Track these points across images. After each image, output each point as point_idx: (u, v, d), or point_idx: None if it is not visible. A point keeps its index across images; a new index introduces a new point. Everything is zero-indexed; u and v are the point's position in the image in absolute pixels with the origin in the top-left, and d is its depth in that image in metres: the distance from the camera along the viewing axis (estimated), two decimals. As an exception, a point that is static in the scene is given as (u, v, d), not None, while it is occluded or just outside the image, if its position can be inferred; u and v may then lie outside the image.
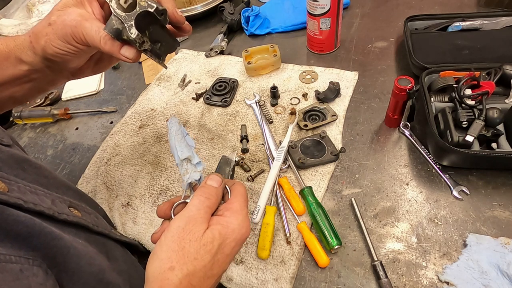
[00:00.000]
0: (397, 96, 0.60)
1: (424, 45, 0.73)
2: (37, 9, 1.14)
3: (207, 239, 0.34)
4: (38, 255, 0.32)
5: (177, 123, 0.46)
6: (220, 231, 0.35)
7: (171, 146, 0.44)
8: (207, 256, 0.34)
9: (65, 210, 0.40)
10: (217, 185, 0.39)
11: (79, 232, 0.40)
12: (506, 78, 0.60)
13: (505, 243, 0.48)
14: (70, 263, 0.35)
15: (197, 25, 1.04)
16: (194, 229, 0.34)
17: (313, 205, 0.55)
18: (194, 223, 0.35)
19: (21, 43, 0.45)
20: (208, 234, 0.34)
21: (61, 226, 0.38)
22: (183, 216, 0.35)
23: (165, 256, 0.33)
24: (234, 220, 0.36)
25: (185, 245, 0.33)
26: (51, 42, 0.42)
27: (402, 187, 0.58)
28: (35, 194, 0.37)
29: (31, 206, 0.35)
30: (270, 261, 0.53)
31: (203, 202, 0.37)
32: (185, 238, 0.34)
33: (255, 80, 0.82)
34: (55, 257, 0.34)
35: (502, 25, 0.75)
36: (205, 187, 0.38)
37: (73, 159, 0.76)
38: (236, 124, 0.73)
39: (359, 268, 0.51)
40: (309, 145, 0.65)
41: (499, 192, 0.55)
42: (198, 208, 0.36)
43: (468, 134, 0.53)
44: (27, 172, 0.41)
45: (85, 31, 0.41)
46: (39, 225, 0.34)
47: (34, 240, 0.33)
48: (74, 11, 0.42)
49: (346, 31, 0.89)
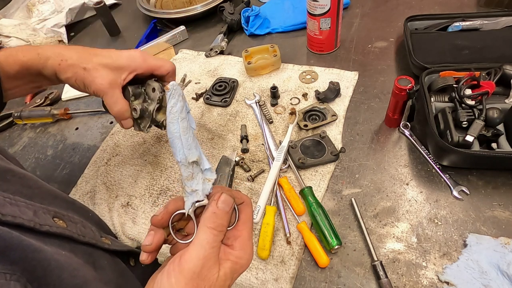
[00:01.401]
0: (397, 96, 0.60)
1: (424, 45, 0.73)
2: (37, 9, 1.14)
3: (221, 282, 0.32)
4: (16, 269, 0.31)
5: (181, 96, 0.37)
6: (231, 269, 0.33)
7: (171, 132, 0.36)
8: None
9: (49, 221, 0.39)
10: (229, 209, 0.35)
11: (63, 243, 0.39)
12: (506, 78, 0.60)
13: (505, 243, 0.48)
14: (51, 276, 0.34)
15: (197, 25, 1.04)
16: (210, 273, 0.32)
17: (313, 205, 0.55)
18: (209, 266, 0.32)
19: (46, 59, 0.50)
20: (222, 277, 0.32)
21: (43, 238, 0.37)
22: (196, 258, 0.32)
23: None
24: (244, 254, 0.34)
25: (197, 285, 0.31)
26: (76, 80, 0.50)
27: (402, 187, 0.58)
28: (16, 206, 0.36)
29: (10, 218, 0.34)
30: (270, 261, 0.53)
31: (217, 237, 0.33)
32: (200, 285, 0.31)
33: (255, 80, 0.82)
34: (35, 270, 0.32)
35: (502, 25, 0.75)
36: (218, 215, 0.34)
37: (73, 159, 0.76)
38: (236, 124, 0.73)
39: (359, 268, 0.51)
40: (309, 145, 0.65)
41: (499, 192, 0.55)
42: (212, 245, 0.33)
43: (468, 134, 0.53)
44: (10, 183, 0.40)
45: (106, 98, 0.50)
46: (17, 238, 0.32)
47: (12, 253, 0.31)
48: (107, 77, 0.49)
49: (346, 31, 0.89)
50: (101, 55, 0.50)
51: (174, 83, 0.38)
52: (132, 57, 0.51)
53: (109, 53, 0.51)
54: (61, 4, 1.13)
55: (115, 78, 0.50)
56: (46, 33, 1.07)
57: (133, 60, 0.51)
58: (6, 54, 0.50)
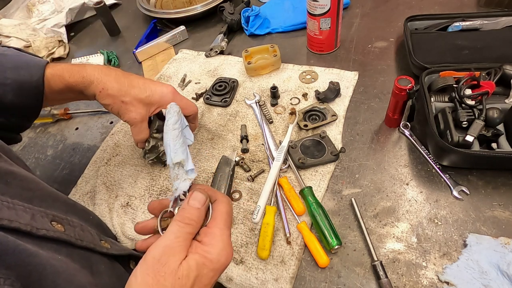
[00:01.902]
0: (397, 96, 0.60)
1: (424, 45, 0.73)
2: (37, 9, 1.14)
3: (183, 272, 0.32)
4: (11, 274, 0.30)
5: (176, 113, 0.43)
6: (197, 261, 0.33)
7: (164, 140, 0.41)
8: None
9: (46, 225, 0.38)
10: (200, 206, 0.36)
11: (60, 248, 0.39)
12: (506, 78, 0.60)
13: (505, 243, 0.48)
14: (46, 281, 0.33)
15: (197, 25, 1.04)
16: (170, 260, 0.32)
17: (313, 205, 0.55)
18: (170, 253, 0.33)
19: (89, 83, 0.54)
20: (184, 266, 0.33)
21: (39, 242, 0.36)
22: (159, 245, 0.33)
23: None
24: (213, 249, 0.34)
25: (160, 278, 0.32)
26: (112, 108, 0.56)
27: (402, 187, 0.58)
28: (13, 210, 0.36)
29: (6, 223, 0.34)
30: (270, 261, 0.53)
31: (183, 228, 0.35)
32: (160, 271, 0.32)
33: (255, 80, 0.82)
34: (30, 275, 0.32)
35: (502, 25, 0.75)
36: (186, 210, 0.36)
37: (73, 159, 0.76)
38: (236, 124, 0.73)
39: (359, 268, 0.51)
40: (309, 145, 0.65)
41: (499, 192, 0.55)
42: (177, 235, 0.34)
43: (468, 134, 0.53)
44: (10, 186, 0.40)
45: (134, 128, 0.58)
46: (13, 243, 0.32)
47: (7, 258, 0.31)
48: (141, 112, 0.56)
49: (346, 31, 0.89)
50: (138, 88, 0.56)
51: (173, 104, 0.46)
52: (165, 95, 0.57)
53: (145, 87, 0.56)
54: (61, 4, 1.13)
55: (146, 113, 0.57)
56: (46, 33, 1.07)
57: (165, 97, 0.57)
58: (53, 72, 0.53)
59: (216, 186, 0.60)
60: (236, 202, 0.61)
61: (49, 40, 1.03)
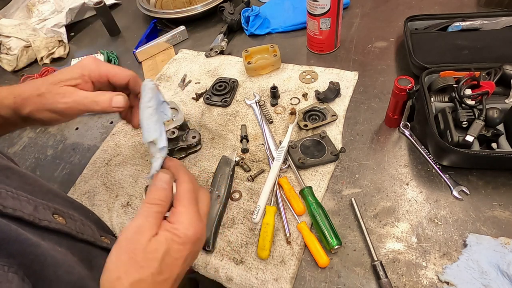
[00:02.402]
0: (397, 96, 0.60)
1: (424, 45, 0.73)
2: (37, 9, 1.14)
3: (153, 247, 0.34)
4: (14, 262, 0.31)
5: (150, 90, 0.42)
6: (166, 237, 0.35)
7: (140, 119, 0.41)
8: (154, 263, 0.34)
9: (48, 217, 0.39)
10: (166, 186, 0.38)
11: (60, 240, 0.40)
12: (506, 78, 0.60)
13: (505, 243, 0.48)
14: (47, 271, 0.34)
15: (197, 25, 1.04)
16: (141, 238, 0.34)
17: (313, 205, 0.55)
18: (140, 232, 0.34)
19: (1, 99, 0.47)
20: (153, 242, 0.34)
21: (41, 233, 0.37)
22: (130, 227, 0.35)
23: (113, 267, 0.33)
24: (179, 225, 0.36)
25: (132, 255, 0.33)
26: (38, 112, 0.46)
27: (402, 187, 0.58)
28: (17, 200, 0.37)
29: (10, 211, 0.34)
30: (270, 261, 0.53)
31: (150, 208, 0.36)
32: (131, 248, 0.34)
33: (255, 80, 0.82)
34: (32, 265, 0.33)
35: (502, 25, 0.75)
36: (152, 191, 0.37)
37: (73, 159, 0.76)
38: (236, 124, 0.73)
39: (359, 268, 0.51)
40: (309, 145, 0.65)
41: (499, 192, 0.55)
42: (146, 216, 0.36)
43: (468, 134, 0.53)
44: (10, 179, 0.40)
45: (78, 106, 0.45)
46: (15, 231, 0.33)
47: (10, 246, 0.32)
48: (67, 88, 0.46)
49: (346, 31, 0.89)
50: (53, 75, 0.47)
51: (147, 80, 0.44)
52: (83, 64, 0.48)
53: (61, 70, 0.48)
54: (61, 4, 1.13)
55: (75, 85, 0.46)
56: (46, 33, 1.07)
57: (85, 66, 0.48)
58: None
59: (216, 186, 0.61)
60: (236, 202, 0.61)
61: (49, 40, 1.03)
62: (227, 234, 0.57)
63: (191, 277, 1.29)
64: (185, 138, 0.68)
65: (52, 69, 0.98)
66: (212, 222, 0.57)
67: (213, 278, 0.54)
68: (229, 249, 0.55)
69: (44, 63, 1.03)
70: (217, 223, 0.57)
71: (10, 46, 1.01)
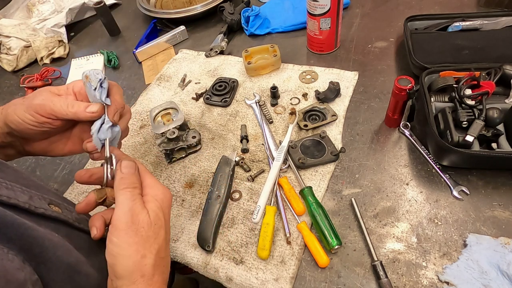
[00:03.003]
0: (397, 96, 0.60)
1: (424, 45, 0.73)
2: (37, 9, 1.14)
3: (155, 218, 0.39)
4: (14, 247, 0.33)
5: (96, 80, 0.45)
6: (156, 205, 0.40)
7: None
8: (162, 231, 0.39)
9: (44, 206, 0.40)
10: (134, 171, 0.41)
11: (58, 227, 0.40)
12: (506, 78, 0.60)
13: (505, 243, 0.48)
14: (47, 254, 0.36)
15: (197, 25, 1.04)
16: (141, 217, 0.38)
17: (313, 205, 0.55)
18: (137, 213, 0.38)
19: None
20: (152, 214, 0.39)
21: (37, 220, 0.37)
22: (123, 212, 0.37)
23: (132, 251, 0.36)
24: (157, 193, 0.41)
25: (143, 233, 0.37)
26: (15, 110, 0.45)
27: (402, 187, 0.58)
28: (11, 190, 0.37)
29: (5, 199, 0.35)
30: (270, 261, 0.53)
31: (132, 192, 0.39)
32: (139, 229, 0.37)
33: (255, 80, 0.82)
34: (31, 248, 0.34)
35: (502, 25, 0.75)
36: (127, 178, 0.40)
37: (73, 159, 0.76)
38: (236, 124, 0.73)
39: (359, 268, 0.51)
40: (309, 145, 0.65)
41: (499, 192, 0.55)
42: (132, 199, 0.39)
43: (468, 134, 0.53)
44: (5, 173, 0.41)
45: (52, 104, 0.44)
46: (11, 216, 0.34)
47: (8, 231, 0.33)
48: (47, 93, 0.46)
49: (346, 31, 0.89)
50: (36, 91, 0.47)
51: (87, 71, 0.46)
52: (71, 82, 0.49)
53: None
54: (61, 4, 1.13)
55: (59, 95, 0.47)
56: (46, 33, 1.07)
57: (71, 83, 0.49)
58: None
59: (216, 186, 0.61)
60: (236, 202, 0.61)
61: (49, 40, 1.03)
62: (227, 234, 0.57)
63: (191, 277, 1.29)
64: (185, 138, 0.68)
65: (52, 69, 0.98)
66: (212, 222, 0.57)
67: (213, 278, 0.54)
68: (229, 249, 0.56)
69: (44, 63, 1.03)
70: (217, 223, 0.57)
71: (10, 46, 1.01)
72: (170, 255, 0.43)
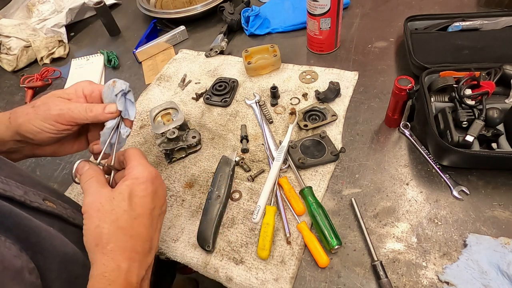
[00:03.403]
0: (397, 96, 0.60)
1: (424, 45, 0.73)
2: (37, 9, 1.14)
3: (115, 193, 0.40)
4: (11, 236, 0.33)
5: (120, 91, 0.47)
6: (126, 184, 0.41)
7: None
8: (123, 203, 0.40)
9: (39, 201, 0.40)
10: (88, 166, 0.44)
11: (53, 222, 0.41)
12: (506, 78, 0.60)
13: (505, 243, 0.48)
14: (43, 243, 0.36)
15: (197, 25, 1.04)
16: (101, 195, 0.40)
17: (313, 205, 0.55)
18: (98, 194, 0.40)
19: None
20: (116, 190, 0.41)
21: (33, 213, 0.38)
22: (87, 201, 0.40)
23: (89, 224, 0.38)
24: (134, 172, 0.42)
25: (100, 207, 0.39)
26: (30, 121, 0.47)
27: (402, 187, 0.58)
28: (7, 185, 0.38)
29: (1, 191, 0.36)
30: (270, 261, 0.53)
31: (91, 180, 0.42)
32: (97, 205, 0.39)
33: (255, 80, 0.82)
34: (28, 237, 0.35)
35: (502, 25, 0.75)
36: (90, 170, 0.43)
37: (73, 159, 0.76)
38: (236, 124, 0.73)
39: (359, 268, 0.51)
40: (309, 145, 0.65)
41: (499, 192, 0.55)
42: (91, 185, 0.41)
43: (468, 134, 0.53)
44: (1, 169, 0.41)
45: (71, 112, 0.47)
46: (8, 207, 0.34)
47: (5, 220, 0.34)
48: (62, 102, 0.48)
49: (346, 31, 0.89)
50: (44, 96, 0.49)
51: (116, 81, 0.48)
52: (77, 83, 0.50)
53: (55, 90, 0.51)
54: (61, 4, 1.13)
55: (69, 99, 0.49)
56: (46, 33, 1.07)
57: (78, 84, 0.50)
58: None
59: (216, 186, 0.61)
60: (236, 202, 0.61)
61: (49, 40, 1.03)
62: (227, 234, 0.57)
63: (191, 277, 1.29)
64: (185, 138, 0.68)
65: (52, 69, 0.98)
66: (212, 222, 0.57)
67: (213, 278, 0.54)
68: (229, 249, 0.56)
69: (44, 63, 1.03)
70: (217, 223, 0.57)
71: (10, 46, 1.01)
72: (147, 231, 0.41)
